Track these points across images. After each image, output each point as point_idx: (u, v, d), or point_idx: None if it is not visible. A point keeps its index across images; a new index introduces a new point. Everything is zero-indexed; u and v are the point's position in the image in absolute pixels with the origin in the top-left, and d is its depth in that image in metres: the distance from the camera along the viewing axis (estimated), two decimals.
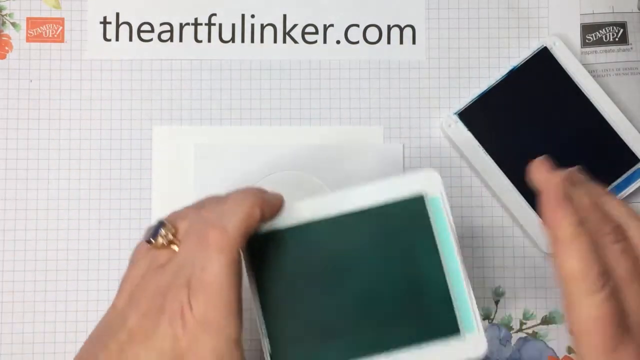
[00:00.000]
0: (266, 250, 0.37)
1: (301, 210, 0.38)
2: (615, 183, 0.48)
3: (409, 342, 0.36)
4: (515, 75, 0.49)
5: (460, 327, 0.37)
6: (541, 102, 0.49)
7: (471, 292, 0.37)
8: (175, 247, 0.35)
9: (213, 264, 0.33)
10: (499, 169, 0.48)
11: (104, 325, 0.36)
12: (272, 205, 0.37)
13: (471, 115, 0.49)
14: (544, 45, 0.49)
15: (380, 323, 0.37)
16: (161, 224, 0.36)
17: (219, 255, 0.33)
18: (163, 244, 0.36)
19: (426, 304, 0.37)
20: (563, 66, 0.49)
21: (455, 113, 0.49)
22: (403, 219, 0.38)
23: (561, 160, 0.48)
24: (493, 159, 0.48)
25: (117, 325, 0.34)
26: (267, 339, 0.37)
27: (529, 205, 0.48)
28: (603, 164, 0.48)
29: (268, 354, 0.37)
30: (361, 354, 0.36)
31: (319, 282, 0.37)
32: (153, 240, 0.36)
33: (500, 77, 0.49)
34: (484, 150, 0.48)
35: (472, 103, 0.49)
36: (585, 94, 0.48)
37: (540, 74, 0.49)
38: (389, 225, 0.38)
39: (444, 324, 0.37)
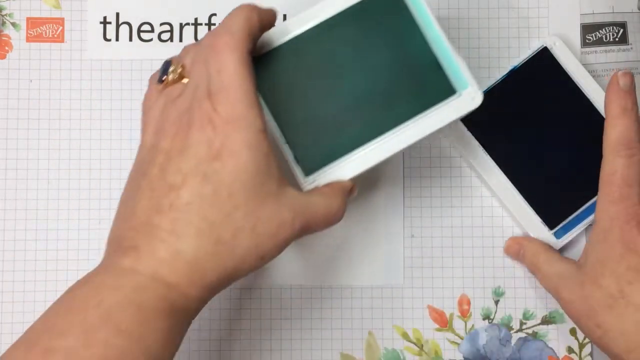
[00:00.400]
0: (268, 68, 0.41)
1: (290, 26, 0.41)
2: None
3: (414, 113, 0.41)
4: (515, 75, 0.49)
5: (456, 87, 0.41)
6: (541, 102, 0.48)
7: (458, 55, 0.41)
8: (185, 80, 0.37)
9: (227, 64, 0.35)
10: (498, 169, 0.48)
11: (137, 163, 0.37)
12: (267, 12, 0.38)
13: (471, 115, 0.48)
14: (544, 45, 0.49)
15: (383, 105, 0.41)
16: (168, 63, 0.38)
17: (232, 54, 0.35)
18: (174, 78, 0.37)
19: (420, 77, 0.41)
20: (563, 66, 0.49)
21: None
22: (382, 9, 0.41)
23: (561, 160, 0.48)
24: (493, 159, 0.48)
25: (152, 154, 0.36)
26: (287, 145, 0.41)
27: (529, 206, 0.48)
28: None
29: (292, 159, 0.41)
30: (374, 135, 0.41)
31: (321, 82, 0.41)
32: (164, 78, 0.38)
33: (501, 77, 0.49)
34: (484, 150, 0.48)
35: None
36: (586, 94, 0.48)
37: (540, 74, 0.49)
38: (371, 17, 0.41)
39: (440, 89, 0.41)
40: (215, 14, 0.50)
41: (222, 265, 0.34)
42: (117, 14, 0.50)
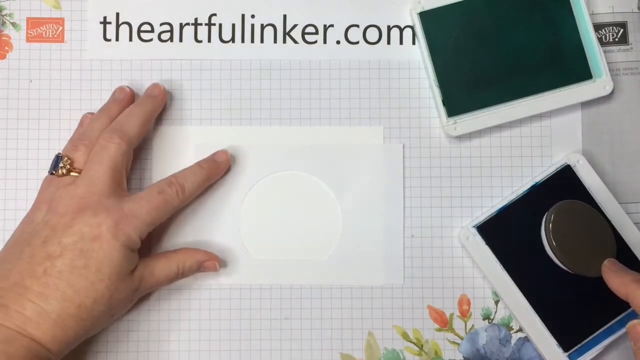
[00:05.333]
0: (437, 20, 0.48)
1: None
2: (626, 312, 0.47)
3: (552, 86, 0.48)
4: (536, 191, 0.48)
5: (592, 73, 0.48)
6: None
7: (599, 45, 0.48)
8: (74, 173, 0.44)
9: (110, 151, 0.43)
10: (515, 286, 0.47)
11: (24, 233, 0.42)
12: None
13: (490, 229, 0.47)
14: (567, 163, 0.48)
15: (527, 73, 0.48)
16: (58, 158, 0.45)
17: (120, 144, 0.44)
18: (62, 174, 0.44)
19: (564, 56, 0.48)
20: (585, 185, 0.47)
21: (474, 226, 0.48)
22: None
23: (579, 281, 0.46)
24: (509, 274, 0.47)
25: (39, 228, 0.42)
26: (439, 88, 0.48)
27: (544, 326, 0.47)
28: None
29: (440, 99, 0.48)
30: (513, 96, 0.48)
31: (477, 42, 0.48)
32: (54, 172, 0.44)
33: (522, 192, 0.48)
34: (501, 265, 0.47)
35: (492, 217, 0.48)
36: (607, 214, 0.47)
37: (562, 192, 0.47)
38: None
39: (579, 72, 0.48)
40: (215, 14, 0.50)
41: (82, 325, 0.41)
42: (117, 14, 0.50)
